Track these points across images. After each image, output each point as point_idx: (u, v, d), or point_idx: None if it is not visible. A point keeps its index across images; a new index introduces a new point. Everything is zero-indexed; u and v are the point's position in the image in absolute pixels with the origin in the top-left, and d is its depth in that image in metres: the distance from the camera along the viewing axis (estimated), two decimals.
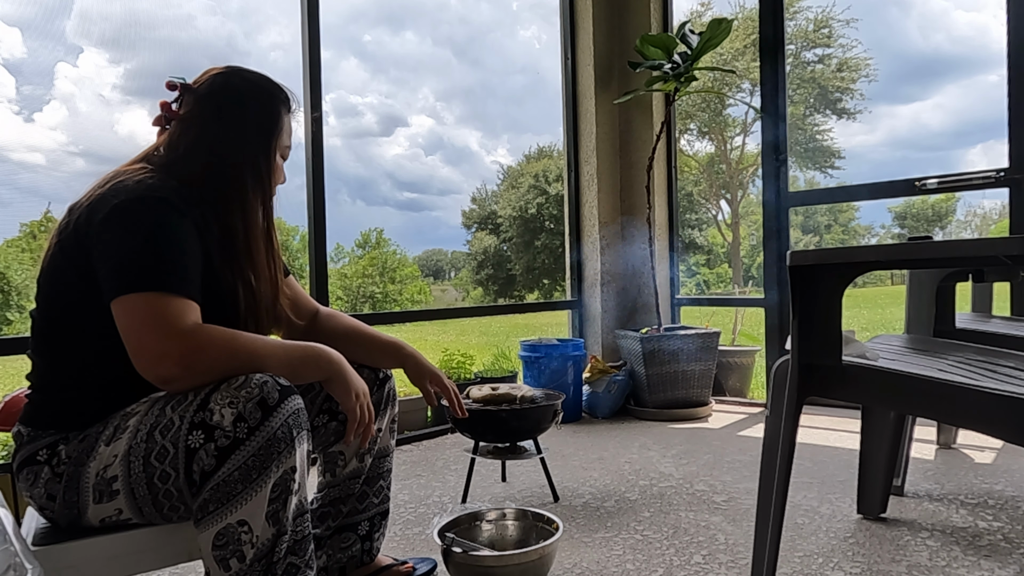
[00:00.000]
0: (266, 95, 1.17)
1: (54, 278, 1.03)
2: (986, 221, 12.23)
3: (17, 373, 7.54)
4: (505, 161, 13.32)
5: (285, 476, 0.94)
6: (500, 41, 13.85)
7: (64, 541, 0.98)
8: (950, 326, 1.90)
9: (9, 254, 7.00)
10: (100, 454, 0.97)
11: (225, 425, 0.91)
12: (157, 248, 0.97)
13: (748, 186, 12.88)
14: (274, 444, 0.92)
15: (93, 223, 0.98)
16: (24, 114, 4.27)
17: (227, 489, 0.91)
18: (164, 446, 0.93)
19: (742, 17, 8.99)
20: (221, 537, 0.92)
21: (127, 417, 0.99)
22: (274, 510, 0.93)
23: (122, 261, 0.95)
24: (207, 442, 0.91)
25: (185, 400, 0.95)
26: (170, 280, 0.95)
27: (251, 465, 0.91)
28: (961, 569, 1.46)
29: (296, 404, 0.96)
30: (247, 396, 0.92)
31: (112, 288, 0.95)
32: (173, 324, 0.93)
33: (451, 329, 11.37)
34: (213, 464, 0.91)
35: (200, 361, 0.94)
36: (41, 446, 1.00)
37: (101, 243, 0.97)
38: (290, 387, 0.97)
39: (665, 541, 1.67)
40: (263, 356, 0.98)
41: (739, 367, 3.70)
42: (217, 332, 0.96)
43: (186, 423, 0.93)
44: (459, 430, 2.02)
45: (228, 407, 0.91)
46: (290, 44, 2.66)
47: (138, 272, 0.95)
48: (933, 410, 1.18)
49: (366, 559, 1.40)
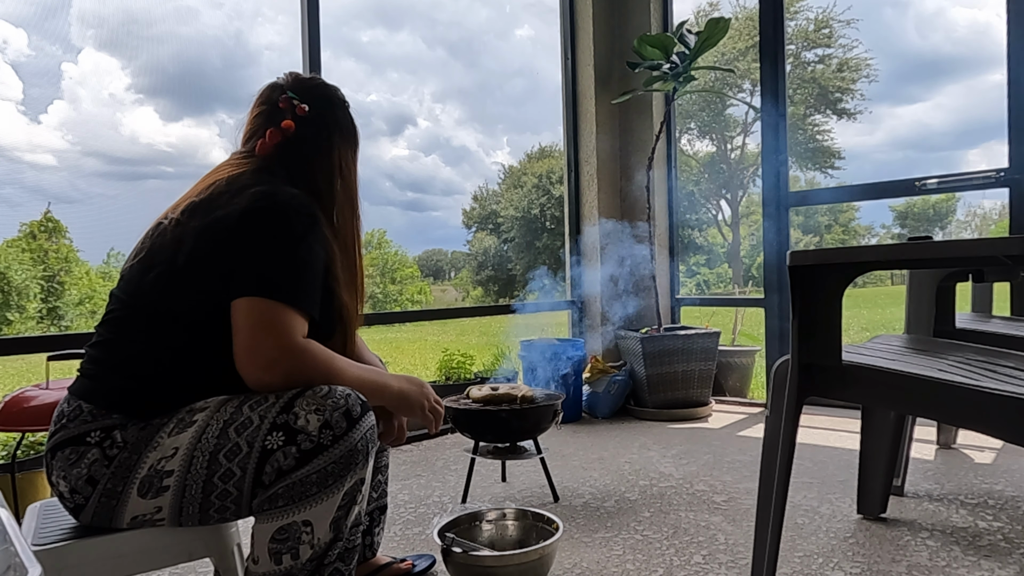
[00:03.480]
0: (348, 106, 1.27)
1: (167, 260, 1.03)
2: (986, 221, 12.23)
3: (17, 373, 7.54)
4: (507, 161, 13.30)
5: (355, 486, 0.98)
6: (499, 41, 13.77)
7: (64, 541, 0.97)
8: (950, 326, 1.90)
9: (9, 254, 6.99)
10: (161, 444, 0.96)
11: (311, 430, 0.94)
12: (303, 263, 1.02)
13: (748, 186, 12.88)
14: (354, 455, 0.96)
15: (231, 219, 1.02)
16: (30, 114, 4.24)
17: (302, 489, 0.93)
18: (238, 443, 0.94)
19: (743, 17, 8.99)
20: (283, 532, 0.94)
21: (193, 412, 0.99)
22: (338, 517, 0.97)
23: (268, 265, 1.00)
24: (287, 444, 0.93)
25: (266, 401, 0.97)
26: (304, 298, 1.01)
27: (330, 471, 0.94)
28: (961, 569, 1.46)
29: (372, 420, 1.01)
30: (333, 405, 0.95)
31: (247, 287, 0.98)
32: (290, 337, 0.98)
33: (451, 329, 11.37)
34: (292, 464, 0.93)
35: (301, 377, 0.99)
36: (96, 427, 0.98)
37: (245, 242, 1.01)
38: (368, 403, 1.01)
39: (665, 541, 1.67)
40: (349, 383, 1.04)
41: (739, 367, 3.70)
42: (321, 353, 1.01)
43: (267, 423, 0.94)
44: (459, 430, 2.02)
45: (315, 413, 0.94)
46: (289, 44, 2.66)
47: (280, 282, 0.99)
48: (933, 410, 1.18)
49: (367, 554, 1.40)
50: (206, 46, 7.33)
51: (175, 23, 4.35)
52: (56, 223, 8.53)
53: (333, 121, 1.21)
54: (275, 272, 1.00)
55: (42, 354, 1.88)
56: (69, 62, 5.58)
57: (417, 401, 1.17)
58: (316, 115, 1.19)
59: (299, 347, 0.98)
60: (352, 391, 0.99)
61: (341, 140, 1.22)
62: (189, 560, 1.05)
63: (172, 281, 1.03)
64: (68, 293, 7.59)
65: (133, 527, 0.99)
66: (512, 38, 12.77)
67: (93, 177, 5.08)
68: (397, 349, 9.75)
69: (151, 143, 6.32)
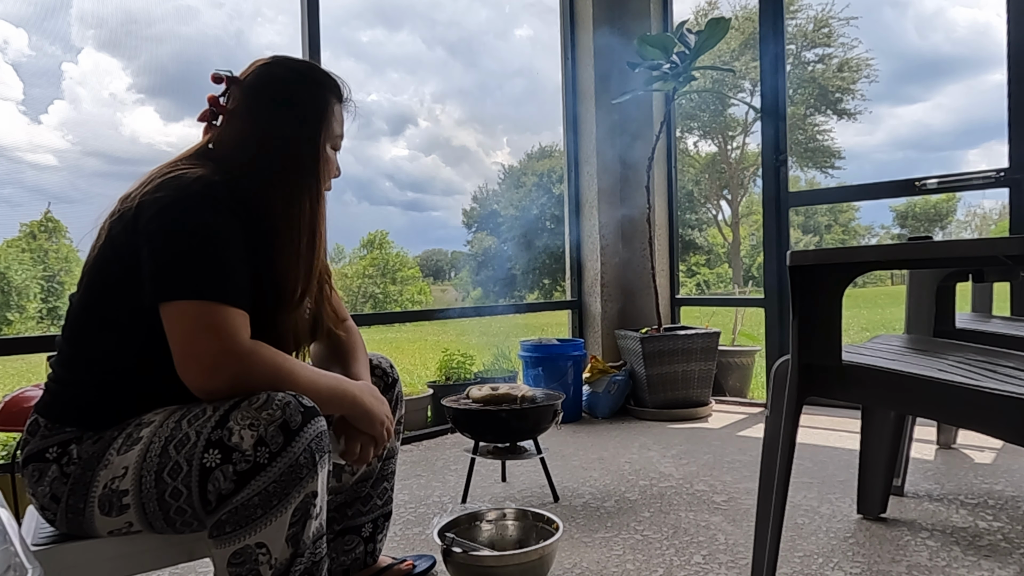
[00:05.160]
0: (314, 84, 1.13)
1: (100, 268, 1.00)
2: (986, 221, 12.22)
3: (17, 373, 7.54)
4: (507, 161, 13.24)
5: (306, 501, 0.92)
6: (498, 41, 13.78)
7: (64, 541, 0.97)
8: (950, 326, 1.90)
9: (9, 254, 6.99)
10: (111, 463, 0.94)
11: (245, 448, 0.88)
12: (211, 252, 0.94)
13: (748, 186, 12.88)
14: (296, 470, 0.90)
15: (142, 219, 0.96)
16: (31, 114, 4.25)
17: (246, 513, 0.89)
18: (178, 462, 0.90)
19: (742, 17, 8.99)
20: (238, 556, 0.90)
21: (140, 427, 0.96)
22: (294, 533, 0.92)
23: (174, 262, 0.93)
24: (224, 463, 0.88)
25: (203, 415, 0.92)
26: (226, 289, 0.94)
27: (272, 491, 0.89)
28: (961, 569, 1.46)
29: (319, 427, 0.94)
30: (268, 418, 0.89)
31: (162, 289, 0.93)
32: (232, 339, 0.91)
33: (451, 329, 11.37)
34: (231, 488, 0.88)
35: (248, 382, 0.93)
36: (53, 442, 0.97)
37: (149, 240, 0.94)
38: (313, 408, 0.94)
39: (665, 541, 1.67)
40: (302, 389, 0.97)
41: (739, 367, 3.70)
42: (268, 356, 0.95)
43: (202, 440, 0.90)
44: (459, 430, 2.02)
45: (248, 429, 0.88)
46: (289, 44, 2.66)
47: (192, 276, 0.92)
48: (933, 410, 1.18)
49: (369, 561, 1.39)
50: (207, 46, 7.30)
51: (175, 23, 4.34)
52: (56, 223, 8.53)
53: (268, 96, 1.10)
54: (192, 267, 0.92)
55: (42, 354, 1.88)
56: (69, 62, 5.60)
57: (377, 416, 1.09)
58: (249, 90, 1.10)
59: (245, 349, 0.92)
60: (294, 398, 0.92)
61: (275, 114, 1.09)
62: (189, 560, 1.05)
63: (90, 283, 1.00)
64: (68, 293, 7.61)
65: (116, 536, 0.98)
66: (512, 38, 12.81)
67: (94, 177, 5.11)
68: (397, 349, 9.75)
69: (151, 143, 6.34)
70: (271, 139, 1.08)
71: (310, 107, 1.12)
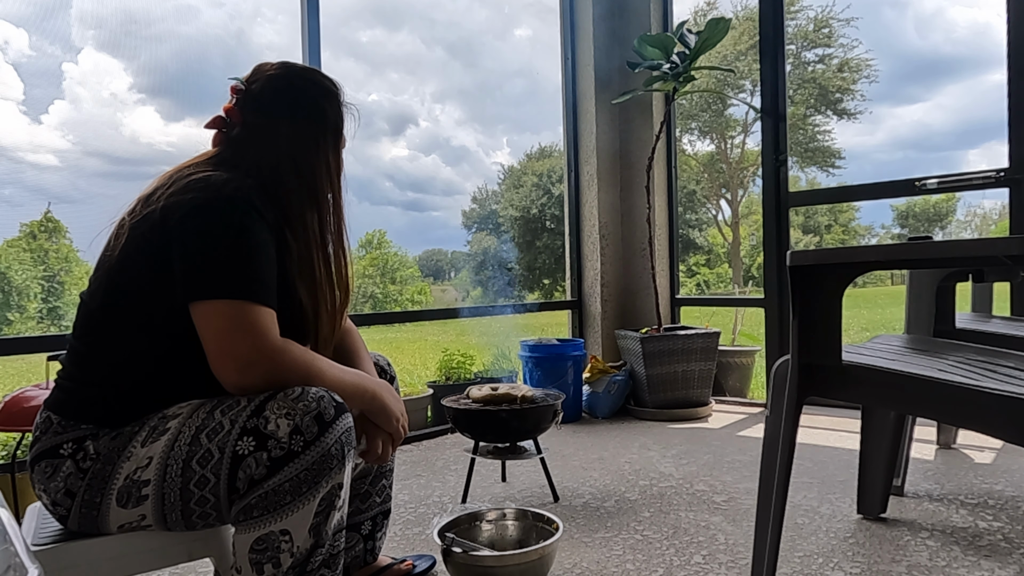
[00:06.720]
0: (329, 92, 1.17)
1: (124, 268, 1.00)
2: (986, 221, 12.21)
3: (17, 373, 7.54)
4: (507, 161, 13.26)
5: (332, 492, 0.95)
6: (498, 42, 13.77)
7: (65, 541, 0.97)
8: (950, 326, 1.90)
9: (9, 254, 7.00)
10: (134, 454, 0.95)
11: (280, 435, 0.91)
12: (244, 253, 0.96)
13: (748, 186, 12.88)
14: (327, 460, 0.93)
15: (171, 219, 0.97)
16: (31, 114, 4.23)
17: (275, 499, 0.91)
18: (209, 449, 0.92)
19: (743, 17, 8.99)
20: (261, 542, 0.92)
21: (166, 419, 0.97)
22: (317, 523, 0.94)
23: (208, 262, 0.95)
24: (258, 450, 0.91)
25: (238, 405, 0.94)
26: (258, 289, 0.96)
27: (303, 479, 0.91)
28: (961, 569, 1.46)
29: (348, 422, 0.97)
30: (304, 409, 0.92)
31: (194, 289, 0.95)
32: (264, 338, 0.94)
33: (451, 329, 11.37)
34: (264, 473, 0.91)
35: (281, 379, 0.95)
36: (68, 439, 0.97)
37: (181, 241, 0.96)
38: (343, 404, 0.98)
39: (665, 541, 1.67)
40: (329, 385, 1.00)
41: (739, 367, 3.70)
42: (300, 354, 0.98)
43: (237, 428, 0.92)
44: (459, 430, 2.02)
45: (285, 418, 0.91)
46: (289, 45, 2.66)
47: (226, 276, 0.95)
48: (933, 410, 1.18)
49: (368, 559, 1.40)
50: (207, 45, 7.29)
51: (175, 22, 4.32)
52: (56, 223, 8.55)
53: (286, 105, 1.12)
54: (226, 268, 0.95)
55: (42, 354, 1.88)
56: (70, 62, 5.58)
57: (394, 412, 1.12)
58: (266, 100, 1.11)
59: (277, 347, 0.95)
60: (327, 392, 0.96)
61: (294, 125, 1.11)
62: (189, 560, 1.05)
63: (112, 283, 1.01)
64: (68, 293, 7.60)
65: (124, 532, 0.98)
66: (511, 38, 12.80)
67: (94, 177, 5.09)
68: (397, 349, 9.74)
69: (152, 143, 6.31)
70: (294, 149, 1.11)
71: (330, 117, 1.16)
